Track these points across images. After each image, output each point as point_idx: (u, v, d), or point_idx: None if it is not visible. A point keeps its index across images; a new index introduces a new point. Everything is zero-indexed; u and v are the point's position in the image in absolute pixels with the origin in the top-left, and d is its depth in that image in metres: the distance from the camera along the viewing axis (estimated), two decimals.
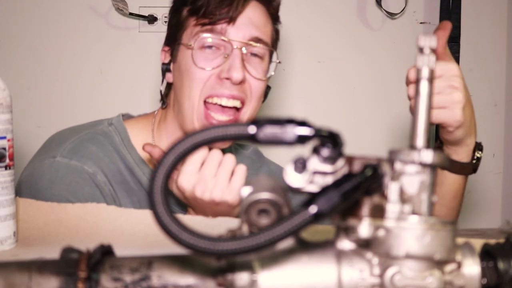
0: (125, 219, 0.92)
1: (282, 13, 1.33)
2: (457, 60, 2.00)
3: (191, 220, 0.95)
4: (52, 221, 0.90)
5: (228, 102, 1.17)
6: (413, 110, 0.52)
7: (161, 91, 1.28)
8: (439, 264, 0.50)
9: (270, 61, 1.25)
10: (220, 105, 1.17)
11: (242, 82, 1.16)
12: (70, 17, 1.98)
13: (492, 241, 0.55)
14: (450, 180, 1.09)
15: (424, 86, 0.52)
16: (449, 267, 0.51)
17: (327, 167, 0.50)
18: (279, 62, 1.28)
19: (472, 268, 0.52)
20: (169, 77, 1.25)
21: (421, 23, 2.10)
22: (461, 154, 1.07)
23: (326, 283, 0.51)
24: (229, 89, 1.16)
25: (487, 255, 0.54)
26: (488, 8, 2.13)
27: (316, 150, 0.50)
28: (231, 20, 1.17)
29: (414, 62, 0.52)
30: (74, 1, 1.98)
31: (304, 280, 0.51)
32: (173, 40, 1.23)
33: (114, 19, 2.00)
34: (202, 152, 1.03)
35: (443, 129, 1.04)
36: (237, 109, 1.19)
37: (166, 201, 0.46)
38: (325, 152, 0.49)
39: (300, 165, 0.50)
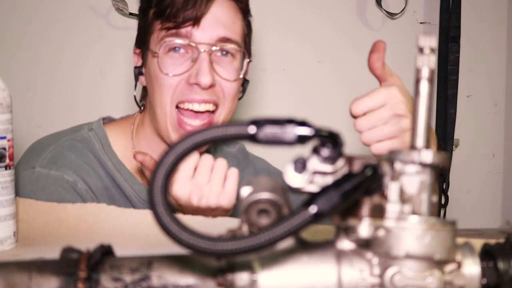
0: (125, 219, 0.92)
1: (282, 13, 1.32)
2: (457, 60, 2.00)
3: (191, 220, 0.95)
4: (52, 221, 0.90)
5: (200, 107, 1.14)
6: (413, 112, 0.52)
7: (135, 96, 1.26)
8: (439, 264, 0.50)
9: (243, 58, 1.21)
10: (193, 110, 1.15)
11: (212, 86, 1.14)
12: (70, 17, 1.98)
13: (492, 241, 0.55)
14: None
15: (424, 86, 0.52)
16: (449, 267, 0.51)
17: (327, 167, 0.50)
18: (250, 61, 1.24)
19: (472, 268, 0.52)
20: (143, 80, 1.23)
21: (421, 23, 2.10)
22: None
23: (326, 283, 0.51)
24: (199, 94, 1.14)
25: (487, 255, 0.54)
26: (488, 8, 2.13)
27: (316, 150, 0.50)
28: (196, 21, 1.13)
29: (414, 62, 0.52)
30: (74, 1, 1.98)
31: (304, 280, 0.51)
32: (142, 43, 1.21)
33: (114, 19, 2.00)
34: (193, 158, 1.02)
35: None
36: (212, 112, 1.16)
37: (166, 201, 0.46)
38: (325, 152, 0.49)
39: (300, 165, 0.50)
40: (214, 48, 1.14)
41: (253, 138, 0.48)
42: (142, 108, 1.26)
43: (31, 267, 0.52)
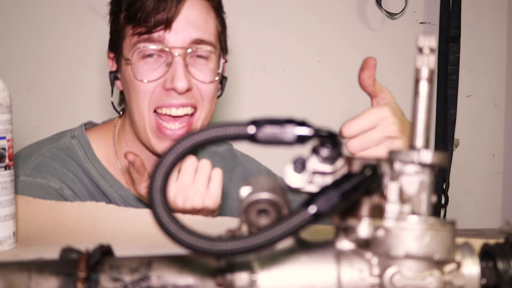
0: (125, 219, 0.92)
1: (282, 13, 1.32)
2: (457, 60, 2.00)
3: (190, 220, 0.95)
4: (51, 221, 0.90)
5: (178, 111, 1.13)
6: (412, 112, 0.52)
7: (112, 102, 1.25)
8: (439, 264, 0.50)
9: (219, 57, 1.19)
10: (171, 115, 1.14)
11: (188, 90, 1.12)
12: (70, 17, 1.98)
13: (492, 241, 0.55)
14: None
15: (423, 86, 0.52)
16: (449, 267, 0.51)
17: (327, 167, 0.50)
18: (226, 61, 1.21)
19: (471, 268, 0.52)
20: (119, 85, 1.22)
21: (421, 23, 2.10)
22: None
23: (326, 283, 0.51)
24: (176, 99, 1.12)
25: (486, 255, 0.54)
26: (488, 8, 2.13)
27: (315, 150, 0.50)
28: (167, 25, 1.11)
29: (413, 62, 0.52)
30: (74, 1, 1.98)
31: (304, 280, 0.51)
32: (115, 48, 1.19)
33: None
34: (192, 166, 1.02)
35: None
36: (190, 115, 1.15)
37: (166, 201, 0.46)
38: (325, 152, 0.49)
39: (300, 165, 0.50)
40: (188, 50, 1.13)
41: (252, 138, 0.48)
42: (121, 113, 1.25)
43: (30, 267, 0.52)
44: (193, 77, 1.13)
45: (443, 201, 2.02)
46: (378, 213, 0.50)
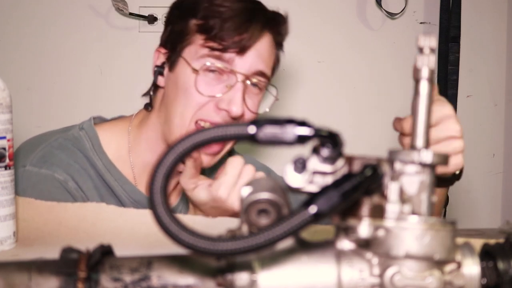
0: (125, 219, 0.92)
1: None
2: (457, 60, 2.00)
3: (191, 220, 0.95)
4: (52, 221, 0.90)
5: None
6: (412, 112, 0.52)
7: (151, 96, 1.25)
8: (439, 264, 0.50)
9: (266, 89, 1.23)
10: None
11: (240, 116, 1.15)
12: (70, 17, 1.98)
13: (492, 241, 0.55)
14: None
15: (423, 86, 0.52)
16: (449, 267, 0.51)
17: (327, 167, 0.50)
18: (277, 100, 1.26)
19: (472, 268, 0.52)
20: (161, 81, 1.22)
21: (421, 23, 2.10)
22: (448, 174, 1.04)
23: (326, 283, 0.51)
24: (223, 119, 1.14)
25: (487, 255, 0.54)
26: (488, 8, 2.13)
27: (316, 150, 0.50)
28: (242, 51, 1.14)
29: (413, 62, 0.52)
30: (74, 1, 1.98)
31: (304, 280, 0.51)
32: (172, 47, 1.19)
33: (114, 19, 2.00)
34: (239, 166, 1.06)
35: None
36: None
37: (166, 201, 0.46)
38: (325, 152, 0.49)
39: (300, 165, 0.50)
40: (253, 80, 1.17)
41: (253, 138, 0.48)
42: (150, 108, 1.24)
43: (31, 267, 0.52)
44: (245, 105, 1.16)
45: None
46: (378, 213, 0.50)
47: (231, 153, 1.34)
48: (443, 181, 1.05)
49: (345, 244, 0.52)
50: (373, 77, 2.07)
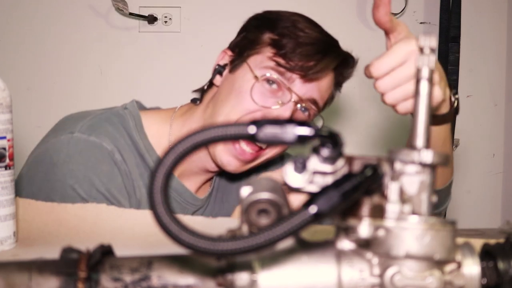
0: (125, 219, 0.92)
1: None
2: (457, 60, 2.00)
3: (191, 220, 0.95)
4: (52, 221, 0.90)
5: None
6: (413, 110, 0.52)
7: (204, 90, 1.27)
8: (439, 264, 0.50)
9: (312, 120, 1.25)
10: None
11: None
12: (70, 17, 1.98)
13: (492, 241, 0.55)
14: (436, 131, 1.05)
15: (424, 86, 0.52)
16: (449, 267, 0.51)
17: (327, 167, 0.50)
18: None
19: (472, 268, 0.52)
20: (218, 80, 1.24)
21: (421, 23, 2.11)
22: (442, 109, 1.02)
23: (326, 283, 0.51)
24: None
25: (487, 255, 0.54)
26: (488, 8, 2.13)
27: (316, 150, 0.50)
28: (306, 77, 1.16)
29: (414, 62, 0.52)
30: (74, 1, 1.98)
31: (304, 280, 0.51)
32: (239, 52, 1.22)
33: (114, 19, 2.00)
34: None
35: None
36: (262, 148, 1.19)
37: (166, 201, 0.46)
38: (325, 152, 0.49)
39: (300, 165, 0.50)
40: (304, 104, 1.19)
41: (253, 138, 0.48)
42: (199, 102, 1.26)
43: (31, 267, 0.52)
44: None
45: None
46: (378, 213, 0.50)
47: (282, 157, 1.36)
48: (441, 119, 1.04)
49: (345, 244, 0.52)
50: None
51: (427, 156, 0.50)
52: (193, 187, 1.27)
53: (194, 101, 1.27)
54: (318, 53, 1.17)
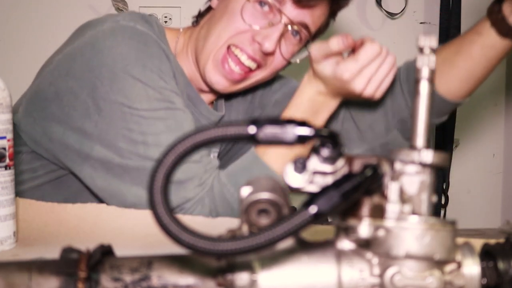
0: (125, 219, 0.92)
1: None
2: None
3: (191, 220, 0.95)
4: (52, 221, 0.90)
5: (246, 60, 1.18)
6: (412, 112, 0.52)
7: (200, 10, 1.28)
8: (439, 264, 0.50)
9: (305, 45, 1.26)
10: (239, 59, 1.18)
11: (270, 53, 1.18)
12: (70, 17, 1.98)
13: (492, 241, 0.55)
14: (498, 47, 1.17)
15: (424, 86, 0.52)
16: (449, 267, 0.51)
17: (327, 167, 0.50)
18: (309, 54, 1.27)
19: (472, 268, 0.52)
20: (214, 2, 1.25)
21: (421, 23, 2.11)
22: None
23: (326, 283, 0.51)
24: (253, 51, 1.17)
25: (487, 255, 0.54)
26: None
27: (316, 150, 0.50)
28: (298, 2, 1.17)
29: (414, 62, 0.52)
30: (74, 1, 1.98)
31: (304, 280, 0.51)
32: None
33: None
34: (372, 54, 1.16)
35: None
36: (251, 70, 1.20)
37: (166, 201, 0.46)
38: (325, 152, 0.49)
39: (300, 165, 0.50)
40: (295, 27, 1.19)
41: (253, 138, 0.48)
42: (196, 23, 1.28)
43: (31, 267, 0.52)
44: (279, 47, 1.19)
45: (443, 201, 2.02)
46: (378, 213, 0.50)
47: (273, 80, 1.36)
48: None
49: (345, 244, 0.52)
50: None
51: (427, 156, 0.50)
52: None
53: (193, 23, 1.29)
54: None
